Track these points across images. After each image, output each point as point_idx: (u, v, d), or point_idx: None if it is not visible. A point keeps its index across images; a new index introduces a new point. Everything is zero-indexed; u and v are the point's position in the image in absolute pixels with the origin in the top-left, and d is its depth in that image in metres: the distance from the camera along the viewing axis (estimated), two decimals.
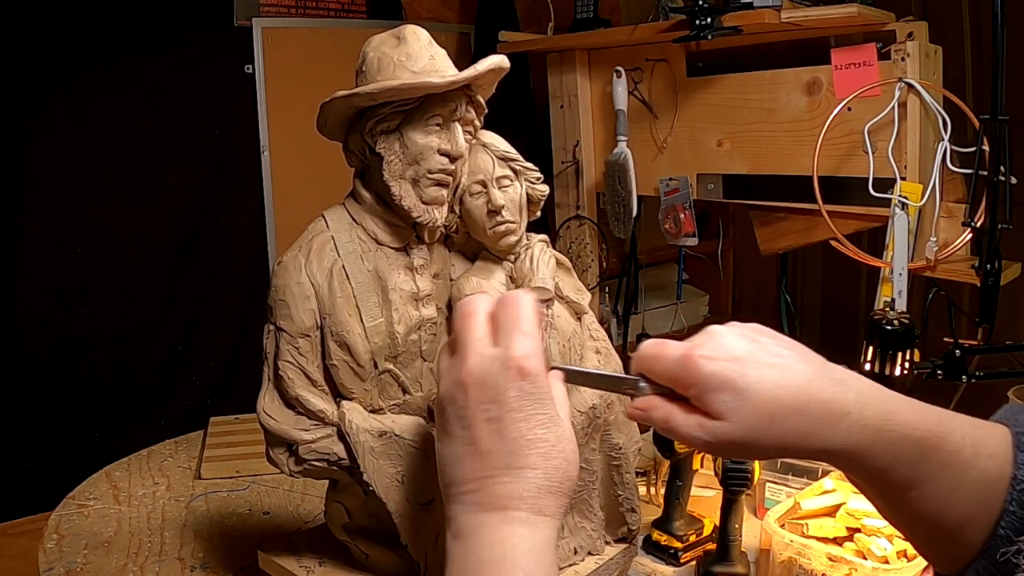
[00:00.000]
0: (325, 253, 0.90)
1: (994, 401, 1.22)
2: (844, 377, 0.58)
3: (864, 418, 0.57)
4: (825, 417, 0.56)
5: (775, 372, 0.57)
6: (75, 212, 2.17)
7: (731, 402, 0.56)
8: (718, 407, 0.56)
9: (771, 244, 1.73)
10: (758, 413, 0.56)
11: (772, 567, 1.10)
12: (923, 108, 1.40)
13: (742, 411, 0.56)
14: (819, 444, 0.57)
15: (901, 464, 0.58)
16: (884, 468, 0.58)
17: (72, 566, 1.18)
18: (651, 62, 1.79)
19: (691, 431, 0.58)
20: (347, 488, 0.97)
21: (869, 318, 1.01)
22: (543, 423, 0.61)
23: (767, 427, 0.56)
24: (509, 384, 0.60)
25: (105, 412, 2.25)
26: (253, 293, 2.36)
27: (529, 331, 0.62)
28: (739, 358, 0.57)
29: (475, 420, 0.61)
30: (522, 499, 0.59)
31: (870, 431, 0.57)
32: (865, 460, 0.58)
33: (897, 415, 0.59)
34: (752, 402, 0.56)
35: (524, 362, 0.60)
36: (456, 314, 0.66)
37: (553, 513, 0.60)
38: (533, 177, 0.96)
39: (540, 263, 0.94)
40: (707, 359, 0.57)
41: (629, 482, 1.05)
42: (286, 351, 0.89)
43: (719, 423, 0.56)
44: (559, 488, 0.61)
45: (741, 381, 0.56)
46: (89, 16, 2.12)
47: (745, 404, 0.56)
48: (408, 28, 0.89)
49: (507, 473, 0.60)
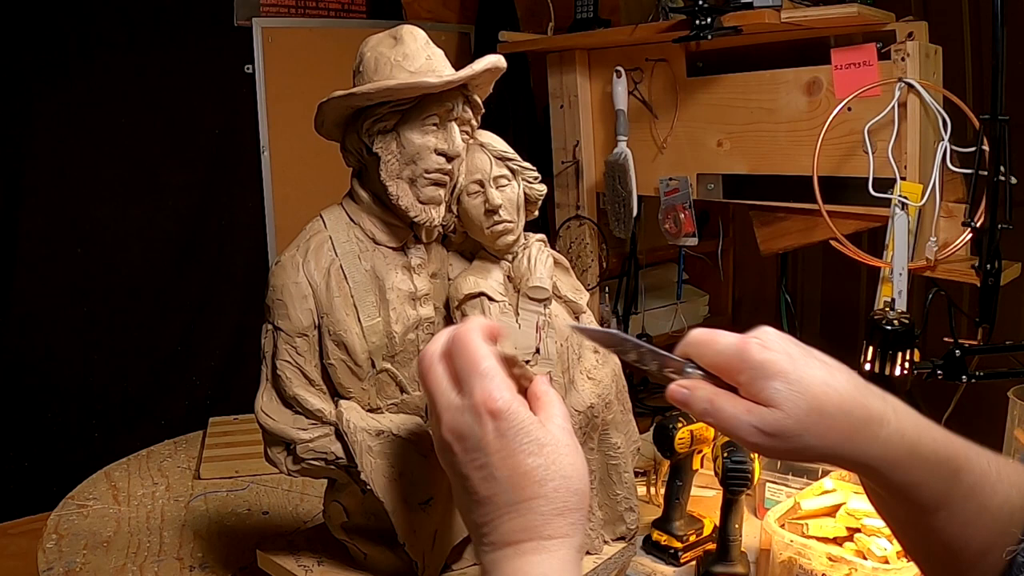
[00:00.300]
0: (323, 253, 0.90)
1: (994, 401, 1.22)
2: (882, 393, 0.60)
3: (902, 429, 0.58)
4: (867, 421, 0.57)
5: (824, 372, 0.58)
6: (75, 212, 2.17)
7: (784, 391, 0.56)
8: (770, 394, 0.56)
9: (771, 244, 1.73)
10: (809, 405, 0.56)
11: (772, 567, 1.10)
12: (923, 108, 1.39)
13: (793, 401, 0.56)
14: (859, 450, 0.57)
15: (934, 480, 0.59)
16: (917, 483, 0.58)
17: (71, 566, 1.18)
18: (651, 62, 1.79)
19: (738, 414, 0.57)
20: (345, 487, 0.97)
21: (869, 318, 1.01)
22: (529, 452, 0.62)
23: (816, 421, 0.56)
24: (484, 430, 0.62)
25: (105, 412, 2.25)
26: (253, 293, 2.35)
27: (486, 370, 0.63)
28: (791, 353, 0.58)
29: (468, 472, 0.63)
30: (528, 530, 0.60)
31: (907, 444, 0.58)
32: (900, 473, 0.58)
33: (931, 432, 0.59)
34: (804, 395, 0.56)
35: (490, 404, 0.62)
36: (418, 373, 0.68)
37: (566, 532, 0.61)
38: (531, 176, 0.96)
39: (537, 262, 0.94)
40: (762, 347, 0.58)
41: (627, 481, 1.05)
42: (284, 350, 0.89)
43: (770, 410, 0.56)
44: (565, 506, 0.61)
45: (794, 373, 0.56)
46: (89, 16, 2.12)
47: (797, 394, 0.56)
48: (405, 28, 0.90)
49: (511, 510, 0.61)
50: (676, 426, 1.15)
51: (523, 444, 0.62)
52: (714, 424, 0.60)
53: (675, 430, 1.14)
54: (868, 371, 0.99)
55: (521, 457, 0.62)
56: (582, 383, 0.99)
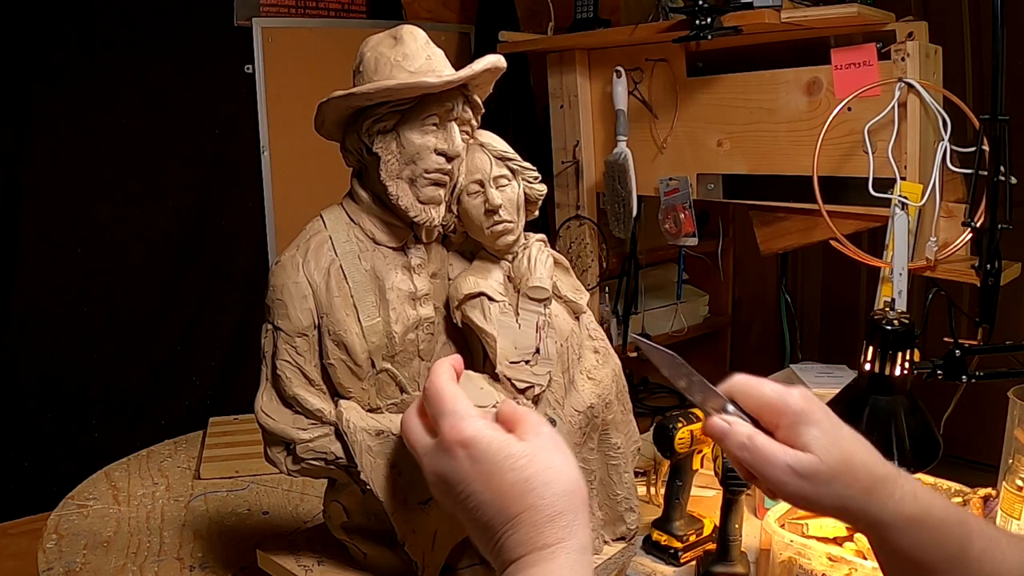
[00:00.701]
0: (322, 253, 0.90)
1: (994, 401, 1.22)
2: (895, 465, 0.66)
3: (916, 492, 0.63)
4: (886, 479, 0.62)
5: (851, 430, 0.65)
6: (75, 212, 2.17)
7: (820, 438, 0.62)
8: (807, 439, 0.62)
9: (771, 244, 1.73)
10: (841, 455, 0.62)
11: (772, 567, 1.10)
12: (923, 108, 1.39)
13: (828, 449, 0.62)
14: (876, 506, 0.62)
15: (946, 540, 0.62)
16: (930, 544, 0.62)
17: (71, 566, 1.18)
18: (651, 62, 1.79)
19: (776, 451, 0.62)
20: (345, 487, 0.97)
21: (869, 318, 1.01)
22: (507, 468, 0.63)
23: (844, 472, 0.61)
24: (458, 461, 0.65)
25: (105, 412, 2.25)
26: (253, 293, 2.36)
27: (452, 406, 0.67)
28: (825, 410, 0.65)
29: (461, 505, 0.65)
30: (524, 543, 0.62)
31: (920, 505, 0.62)
32: (914, 532, 0.62)
33: (940, 498, 0.65)
34: (837, 445, 0.62)
35: (455, 435, 0.65)
36: (402, 434, 0.72)
37: (560, 538, 0.61)
38: (531, 176, 0.96)
39: (537, 263, 0.94)
40: (803, 397, 0.64)
41: (627, 481, 1.05)
42: (284, 350, 0.89)
43: (805, 454, 0.62)
44: (554, 511, 0.62)
45: (829, 424, 0.63)
46: (89, 16, 2.12)
47: (831, 443, 0.62)
48: (405, 28, 0.90)
49: (504, 529, 0.62)
50: (676, 426, 1.15)
51: (498, 463, 0.64)
52: (749, 460, 0.63)
53: (675, 430, 1.14)
54: (868, 371, 0.99)
55: (499, 476, 0.63)
56: (582, 383, 0.99)
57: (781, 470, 0.62)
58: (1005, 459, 1.18)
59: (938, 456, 0.97)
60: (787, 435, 0.63)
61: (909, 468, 0.96)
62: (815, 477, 0.61)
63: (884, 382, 0.98)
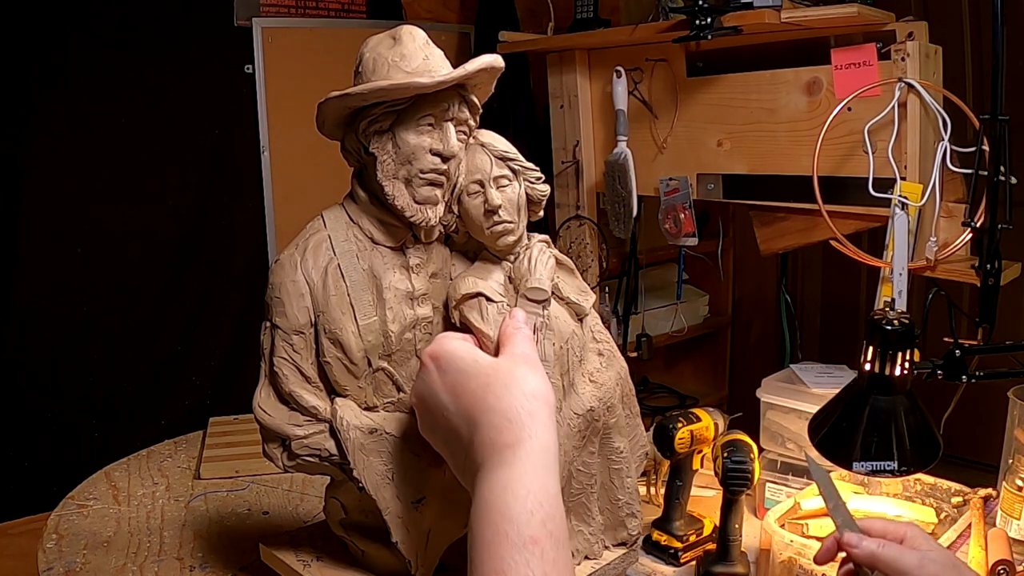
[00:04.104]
0: (321, 251, 0.90)
1: (994, 401, 1.22)
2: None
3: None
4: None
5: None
6: (75, 212, 2.17)
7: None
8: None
9: (771, 244, 1.73)
10: (944, 562, 0.74)
11: (772, 567, 1.10)
12: (923, 108, 1.39)
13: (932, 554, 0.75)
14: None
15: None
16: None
17: (72, 566, 1.18)
18: (651, 62, 1.79)
19: (903, 553, 0.74)
20: (343, 484, 0.97)
21: (869, 318, 1.01)
22: (470, 375, 0.69)
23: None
24: (430, 375, 0.72)
25: (105, 412, 2.25)
26: (253, 293, 2.35)
27: (438, 336, 0.78)
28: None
29: (435, 423, 0.72)
30: (484, 448, 0.65)
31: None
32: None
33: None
34: (939, 552, 0.76)
35: (429, 351, 0.73)
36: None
37: (518, 438, 0.63)
38: (533, 177, 0.95)
39: (538, 263, 0.93)
40: (916, 534, 0.78)
41: (630, 486, 1.04)
42: (281, 348, 0.90)
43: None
44: (513, 412, 0.65)
45: (927, 543, 0.77)
46: (89, 16, 2.12)
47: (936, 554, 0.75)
48: (404, 28, 0.90)
49: (468, 437, 0.67)
50: (676, 426, 1.15)
51: (463, 371, 0.68)
52: (882, 555, 0.75)
53: (675, 430, 1.14)
54: (868, 371, 0.99)
55: (463, 383, 0.68)
56: (583, 386, 0.98)
57: (911, 563, 0.73)
58: (1005, 459, 1.18)
59: (938, 456, 0.97)
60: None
61: (909, 468, 0.96)
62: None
63: (884, 382, 0.98)
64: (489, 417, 0.64)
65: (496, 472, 0.62)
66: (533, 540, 0.57)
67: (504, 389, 0.65)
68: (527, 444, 0.62)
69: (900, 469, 0.96)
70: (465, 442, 0.66)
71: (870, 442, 0.96)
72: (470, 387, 0.67)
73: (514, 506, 0.59)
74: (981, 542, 1.09)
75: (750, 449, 1.11)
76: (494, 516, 0.59)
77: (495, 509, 0.59)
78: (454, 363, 0.70)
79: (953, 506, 1.20)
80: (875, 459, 0.96)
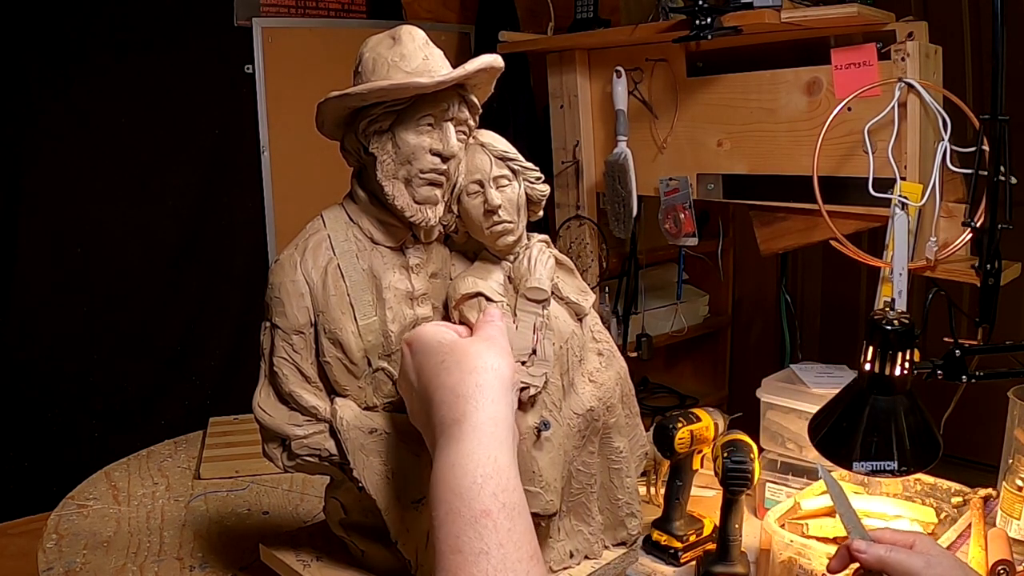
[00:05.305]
0: (320, 251, 0.90)
1: (994, 401, 1.22)
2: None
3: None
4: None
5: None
6: (75, 211, 2.17)
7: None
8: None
9: (771, 244, 1.73)
10: (951, 564, 0.78)
11: (772, 567, 1.10)
12: (923, 108, 1.39)
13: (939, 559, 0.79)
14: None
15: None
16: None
17: (71, 566, 1.18)
18: (651, 62, 1.79)
19: (909, 556, 0.78)
20: (343, 484, 0.97)
21: (869, 318, 1.01)
22: (433, 353, 0.72)
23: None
24: (405, 359, 0.76)
25: (105, 412, 2.25)
26: (253, 293, 2.36)
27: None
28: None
29: (413, 403, 0.75)
30: (439, 425, 0.66)
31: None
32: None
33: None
34: (947, 557, 0.80)
35: (406, 337, 0.76)
36: None
37: (464, 412, 0.65)
38: (533, 177, 0.95)
39: (537, 263, 0.93)
40: (925, 541, 0.81)
41: (630, 487, 1.04)
42: (281, 347, 0.90)
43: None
44: (464, 388, 0.66)
45: (935, 550, 0.81)
46: (89, 16, 2.12)
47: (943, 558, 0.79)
48: (404, 28, 0.90)
49: (430, 414, 0.69)
50: (676, 426, 1.14)
51: (430, 351, 0.71)
52: (891, 557, 0.79)
53: (675, 430, 1.14)
54: (868, 371, 0.99)
55: (429, 363, 0.70)
56: (582, 386, 0.98)
57: (918, 566, 0.76)
58: (1005, 459, 1.18)
59: (938, 456, 0.97)
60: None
61: (909, 468, 0.97)
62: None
63: (884, 382, 0.98)
64: (441, 394, 0.66)
65: (446, 449, 0.63)
66: (484, 513, 0.58)
67: (456, 365, 0.67)
68: (472, 417, 0.63)
69: (900, 469, 0.96)
70: (430, 418, 0.67)
71: (870, 442, 0.96)
72: (429, 365, 0.70)
73: (463, 481, 0.60)
74: (981, 542, 1.09)
75: (750, 449, 1.11)
76: (446, 494, 0.60)
77: (446, 486, 0.60)
78: (422, 346, 0.72)
79: (953, 506, 1.20)
80: (875, 459, 0.96)
